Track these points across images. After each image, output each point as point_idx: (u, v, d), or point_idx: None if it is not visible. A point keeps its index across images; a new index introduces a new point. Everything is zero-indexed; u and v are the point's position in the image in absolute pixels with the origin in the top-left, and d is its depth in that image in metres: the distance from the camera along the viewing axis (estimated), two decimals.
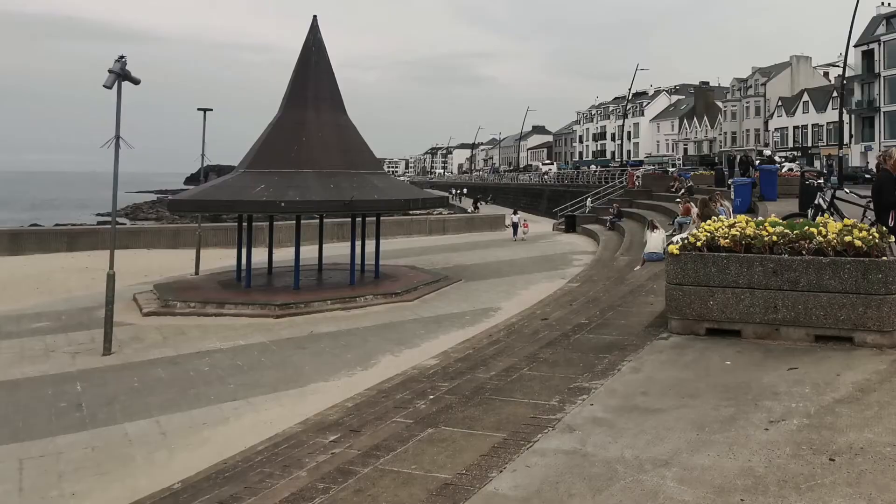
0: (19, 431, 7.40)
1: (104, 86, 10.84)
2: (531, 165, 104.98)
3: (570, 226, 31.83)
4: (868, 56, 60.38)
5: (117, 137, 11.20)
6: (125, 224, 40.25)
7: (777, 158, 38.09)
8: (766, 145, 70.35)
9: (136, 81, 11.28)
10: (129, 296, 14.74)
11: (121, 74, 10.93)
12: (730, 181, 20.41)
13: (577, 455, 3.32)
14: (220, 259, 20.56)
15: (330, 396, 7.77)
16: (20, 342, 11.48)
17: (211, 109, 20.41)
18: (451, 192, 64.04)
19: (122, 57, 10.95)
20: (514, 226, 30.87)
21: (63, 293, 16.32)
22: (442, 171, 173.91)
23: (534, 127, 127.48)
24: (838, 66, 49.40)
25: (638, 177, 38.67)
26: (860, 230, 5.36)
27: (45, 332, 12.23)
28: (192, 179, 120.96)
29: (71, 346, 11.14)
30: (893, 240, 5.87)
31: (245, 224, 17.09)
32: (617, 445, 3.48)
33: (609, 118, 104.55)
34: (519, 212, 36.01)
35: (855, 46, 56.75)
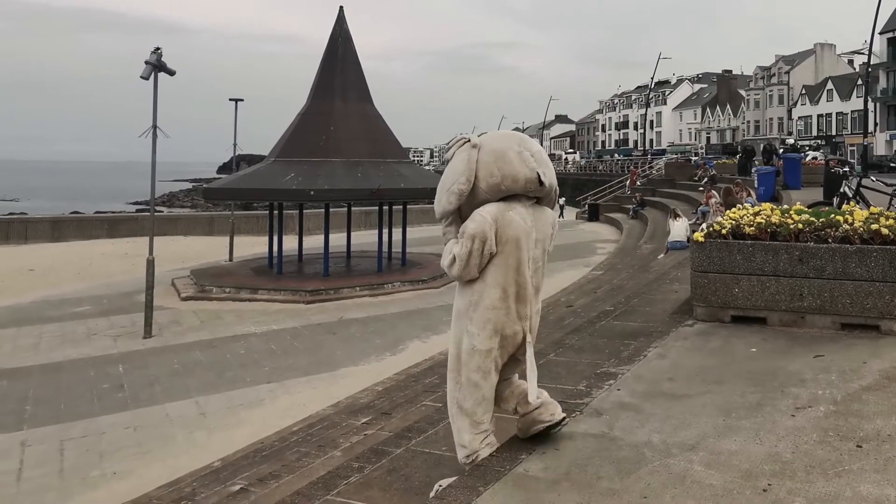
0: (61, 413, 7.62)
1: (141, 76, 11.09)
2: (554, 154, 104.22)
3: (594, 214, 31.57)
4: (893, 43, 58.49)
5: (154, 127, 11.47)
6: (163, 212, 40.91)
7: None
8: (790, 134, 68.87)
9: (171, 72, 11.51)
10: (167, 281, 15.08)
11: (157, 66, 11.17)
12: (753, 170, 20.11)
13: (605, 439, 3.39)
14: (252, 246, 20.94)
15: (360, 380, 7.95)
16: (62, 326, 11.86)
17: (242, 100, 20.71)
18: None
19: (157, 49, 11.19)
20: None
21: (104, 278, 16.80)
22: None
23: (556, 116, 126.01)
24: (863, 54, 48.02)
25: (655, 170, 38.30)
26: (887, 218, 5.32)
27: (87, 315, 12.61)
28: (224, 168, 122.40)
29: (113, 330, 11.49)
30: None
31: (276, 212, 17.39)
32: (644, 430, 3.53)
33: (632, 107, 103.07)
34: None
35: (880, 34, 54.99)
